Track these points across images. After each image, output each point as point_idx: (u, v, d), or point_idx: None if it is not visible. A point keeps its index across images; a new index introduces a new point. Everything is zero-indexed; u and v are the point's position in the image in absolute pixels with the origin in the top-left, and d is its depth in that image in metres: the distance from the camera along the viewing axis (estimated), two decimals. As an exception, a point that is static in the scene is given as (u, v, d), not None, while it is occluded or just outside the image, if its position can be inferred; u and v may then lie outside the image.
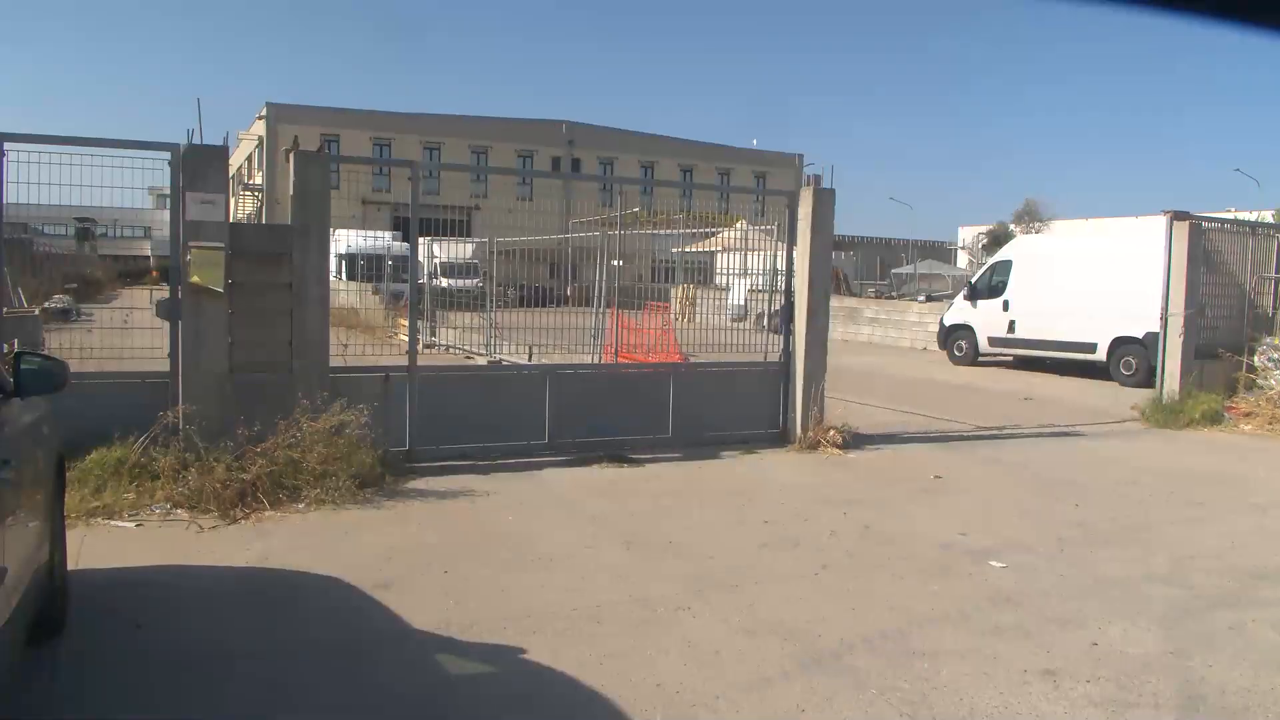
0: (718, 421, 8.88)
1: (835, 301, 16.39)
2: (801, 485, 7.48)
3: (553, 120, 52.65)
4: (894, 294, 33.58)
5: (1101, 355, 15.68)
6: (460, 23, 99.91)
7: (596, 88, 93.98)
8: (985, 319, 17.63)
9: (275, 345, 6.93)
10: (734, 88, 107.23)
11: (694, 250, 13.45)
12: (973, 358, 17.95)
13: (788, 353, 9.17)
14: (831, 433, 8.87)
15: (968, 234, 53.84)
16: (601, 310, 11.86)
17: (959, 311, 18.44)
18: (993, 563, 5.47)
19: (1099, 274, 15.52)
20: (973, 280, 18.97)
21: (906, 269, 41.85)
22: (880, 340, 23.26)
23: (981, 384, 15.23)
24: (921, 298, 28.93)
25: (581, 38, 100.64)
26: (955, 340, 18.41)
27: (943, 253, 51.36)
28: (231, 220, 6.84)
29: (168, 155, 6.52)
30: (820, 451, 8.71)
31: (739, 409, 9.03)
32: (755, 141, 59.45)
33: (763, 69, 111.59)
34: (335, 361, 7.33)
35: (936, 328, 19.55)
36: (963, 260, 49.79)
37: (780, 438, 9.07)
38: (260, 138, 46.35)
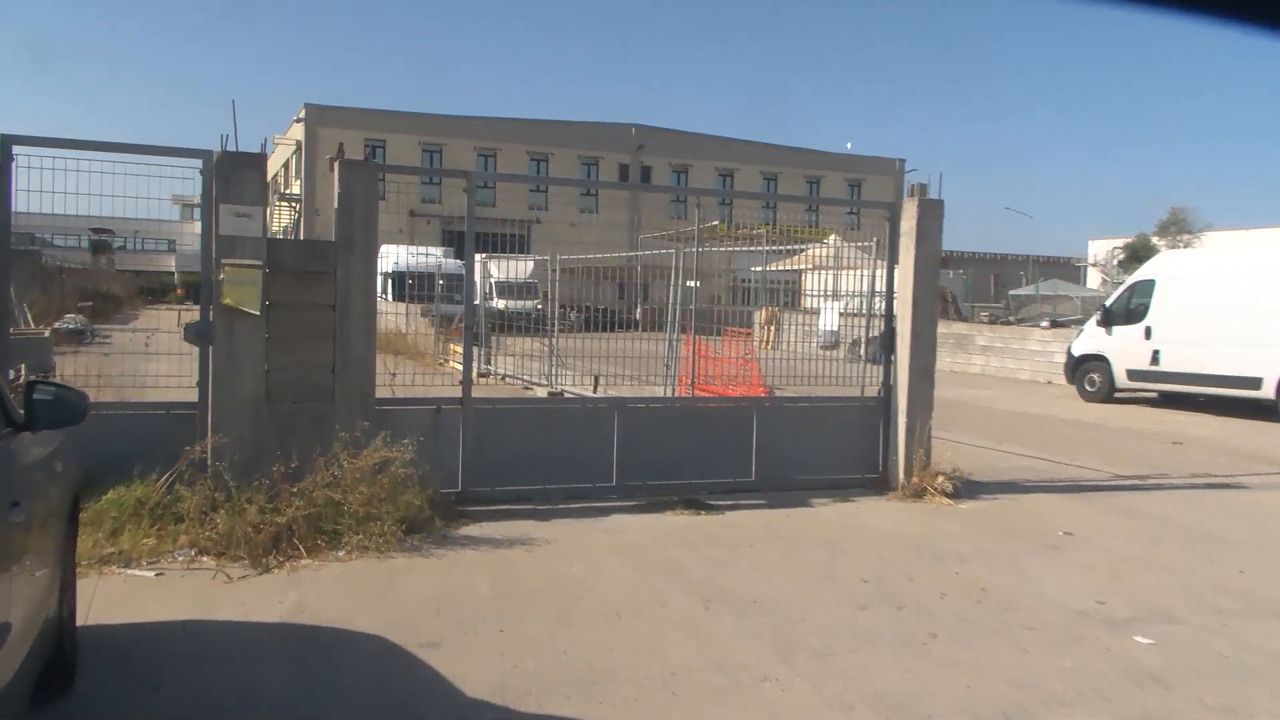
0: (807, 464, 8.84)
1: (942, 327, 16.11)
2: (905, 538, 7.33)
3: (620, 124, 53.32)
4: (1011, 318, 32.84)
5: (1269, 392, 15.09)
6: (517, 17, 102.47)
7: (669, 87, 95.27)
8: (1123, 348, 17.13)
9: (316, 372, 7.09)
10: (824, 85, 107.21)
11: (779, 269, 13.40)
12: (1107, 393, 17.45)
13: (888, 386, 9.08)
14: (939, 479, 8.72)
15: (1100, 248, 52.27)
16: (675, 336, 11.88)
17: (1091, 339, 17.96)
18: (1136, 636, 5.27)
19: (1264, 294, 14.96)
20: (1108, 303, 18.46)
21: (1026, 289, 40.89)
22: (995, 371, 22.80)
23: (1118, 424, 14.79)
24: (1045, 323, 28.21)
25: (651, 32, 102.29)
26: (1086, 373, 17.94)
27: (1069, 270, 50.04)
28: (268, 234, 7.05)
29: (198, 163, 6.76)
30: (926, 500, 8.55)
31: (832, 450, 8.97)
32: (849, 145, 59.38)
33: (857, 64, 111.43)
34: (381, 391, 7.48)
35: (1063, 358, 19.09)
36: (1094, 279, 48.42)
37: (879, 483, 8.97)
38: (298, 142, 47.94)
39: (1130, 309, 17.27)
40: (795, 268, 13.69)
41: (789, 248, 12.99)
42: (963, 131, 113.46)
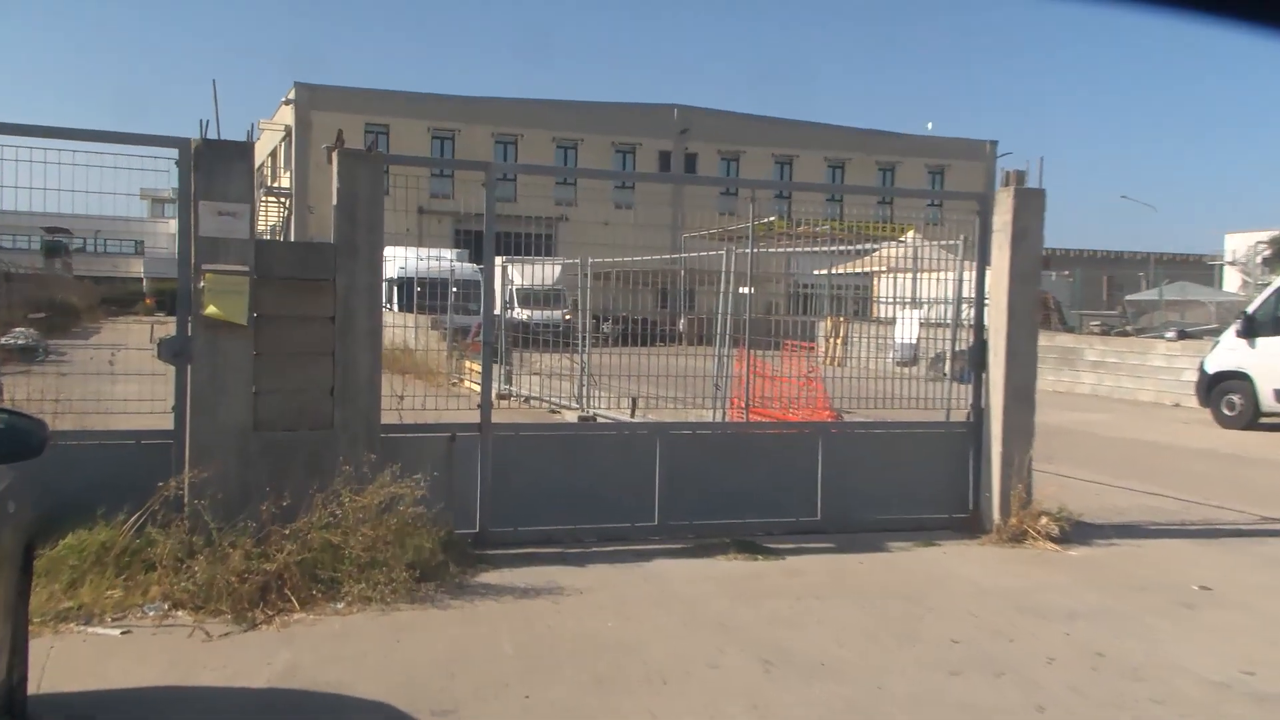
0: (883, 501, 8.83)
1: (1044, 339, 15.97)
2: (1002, 591, 7.28)
3: (660, 105, 53.71)
4: (1129, 328, 32.47)
5: None
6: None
7: (716, 62, 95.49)
8: (1270, 364, 16.87)
9: (312, 395, 7.21)
10: (899, 57, 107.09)
11: (847, 272, 13.38)
12: (1250, 417, 17.19)
13: (978, 409, 9.06)
14: (1043, 520, 8.64)
15: (1239, 243, 51.41)
16: (726, 351, 11.90)
17: (1229, 353, 17.70)
18: (1287, 709, 5.19)
19: None
20: (1251, 309, 18.18)
21: (1147, 294, 40.40)
22: (1109, 392, 22.56)
23: (1264, 455, 14.58)
24: (1170, 333, 27.85)
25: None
26: (1224, 393, 17.69)
27: (1201, 271, 49.34)
28: (255, 236, 7.18)
29: (174, 153, 6.91)
30: (1027, 545, 8.49)
31: (912, 485, 8.95)
32: (930, 126, 59.20)
33: (938, 30, 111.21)
34: (387, 416, 7.58)
35: (1194, 376, 18.81)
36: (1232, 281, 47.68)
37: (969, 525, 8.93)
38: (287, 127, 48.75)
39: (1278, 317, 17.03)
40: (866, 270, 13.66)
41: (859, 248, 12.98)
42: (1067, 107, 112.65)
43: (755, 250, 11.84)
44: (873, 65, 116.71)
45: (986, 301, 9.13)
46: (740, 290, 11.86)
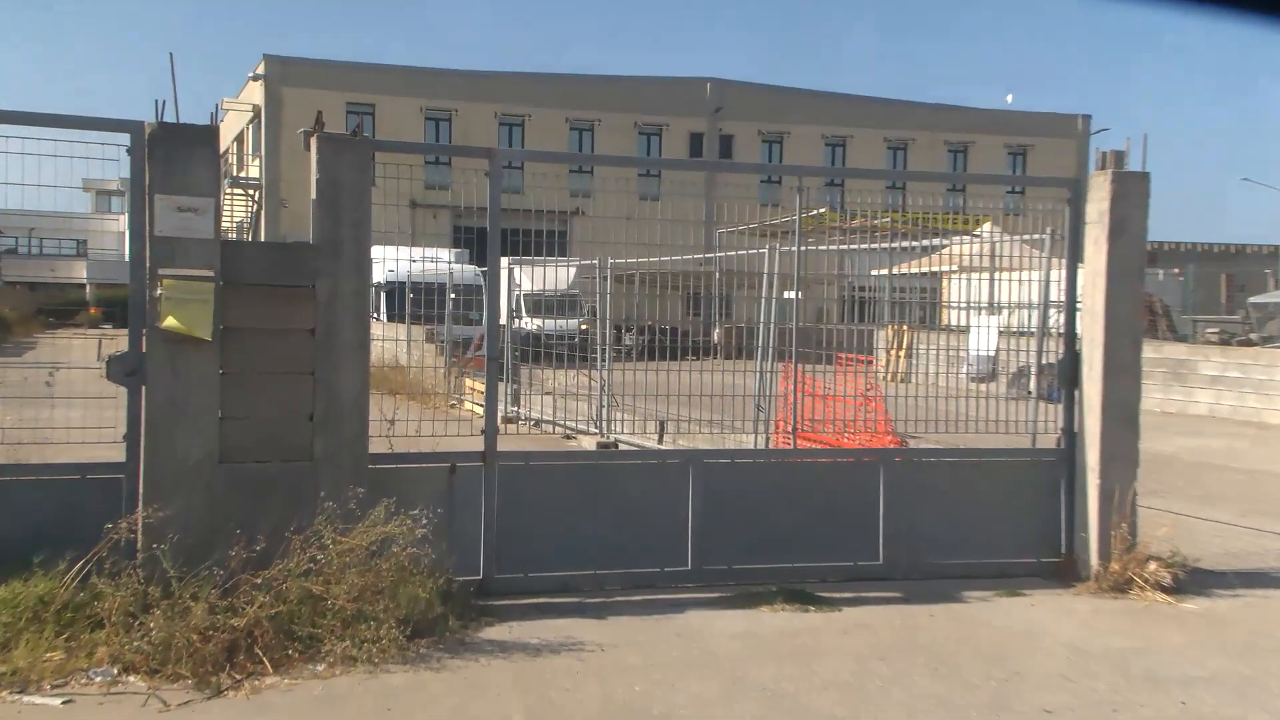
0: (957, 542, 8.81)
1: (1150, 350, 15.84)
2: (1103, 651, 7.21)
3: (691, 78, 53.91)
4: (1253, 336, 32.21)
5: None
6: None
7: (754, 27, 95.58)
8: None
9: (288, 420, 7.25)
10: (973, 17, 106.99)
11: (912, 272, 13.33)
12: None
13: (1070, 434, 9.04)
14: (1151, 566, 8.57)
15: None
16: (770, 366, 11.87)
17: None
18: None
19: None
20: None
21: (1275, 295, 40.09)
22: (1229, 412, 22.34)
23: None
24: (1303, 342, 27.65)
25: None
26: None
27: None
28: (221, 235, 7.21)
29: (125, 139, 6.95)
30: (1132, 596, 8.42)
31: (991, 523, 8.93)
32: (1010, 98, 58.96)
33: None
34: (377, 444, 7.60)
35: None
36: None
37: (1062, 571, 8.90)
38: (255, 107, 49.15)
39: None
40: (934, 270, 13.62)
41: (925, 244, 12.92)
42: (1175, 73, 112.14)
43: (803, 248, 11.81)
44: (940, 27, 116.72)
45: (1079, 306, 9.08)
46: (785, 294, 11.83)
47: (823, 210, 13.39)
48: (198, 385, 6.96)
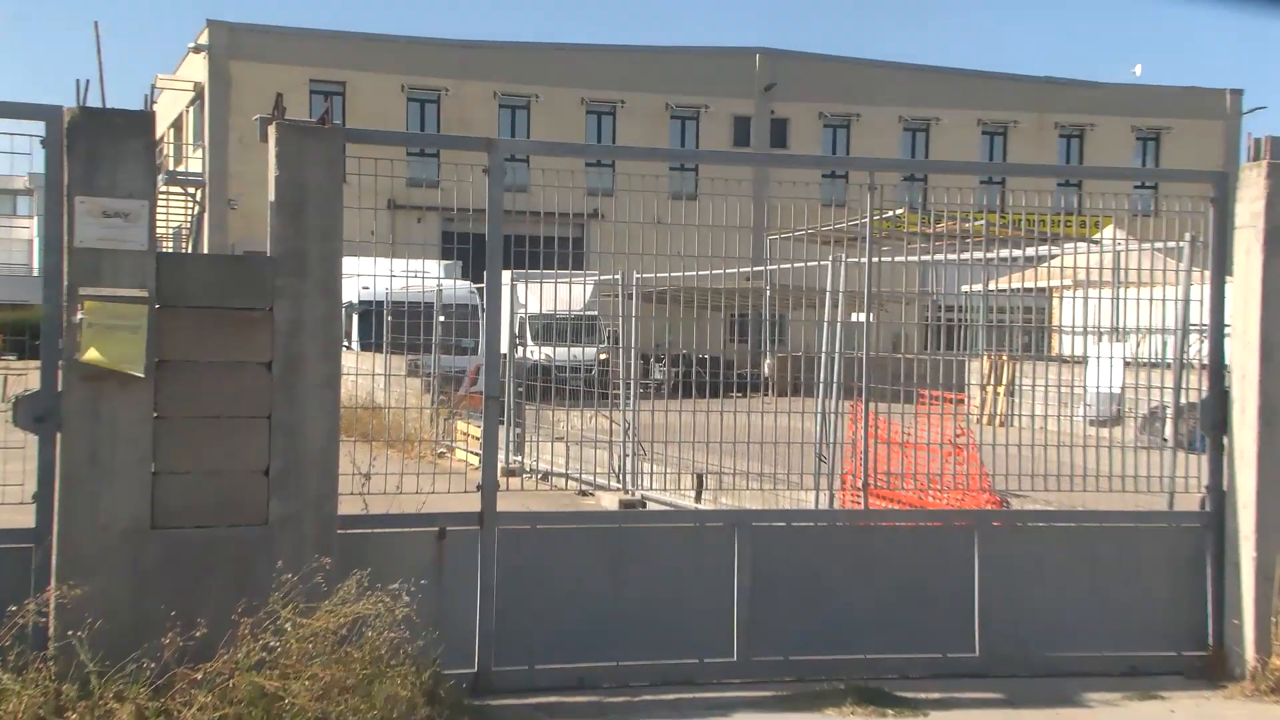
0: (1074, 630, 8.77)
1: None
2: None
3: (737, 49, 53.87)
4: None
5: None
6: None
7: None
8: None
9: (239, 475, 7.25)
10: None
11: (1013, 288, 13.31)
12: None
13: (1219, 493, 8.98)
14: (1325, 662, 8.48)
15: None
16: (835, 406, 11.84)
17: None
18: None
19: None
20: None
21: None
22: None
23: None
24: None
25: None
26: None
27: None
28: (157, 246, 7.25)
29: (39, 128, 7.00)
30: (1299, 701, 8.33)
31: (1118, 606, 8.87)
32: (1139, 70, 58.51)
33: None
34: (348, 504, 7.62)
35: None
36: None
37: (1208, 667, 8.83)
38: (197, 85, 49.26)
39: None
40: (1041, 286, 13.57)
41: (1031, 253, 12.91)
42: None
43: (876, 259, 11.77)
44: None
45: (1227, 330, 9.03)
46: (854, 316, 11.80)
47: (900, 211, 13.41)
48: (126, 433, 6.98)
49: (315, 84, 42.92)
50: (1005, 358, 13.08)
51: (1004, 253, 12.18)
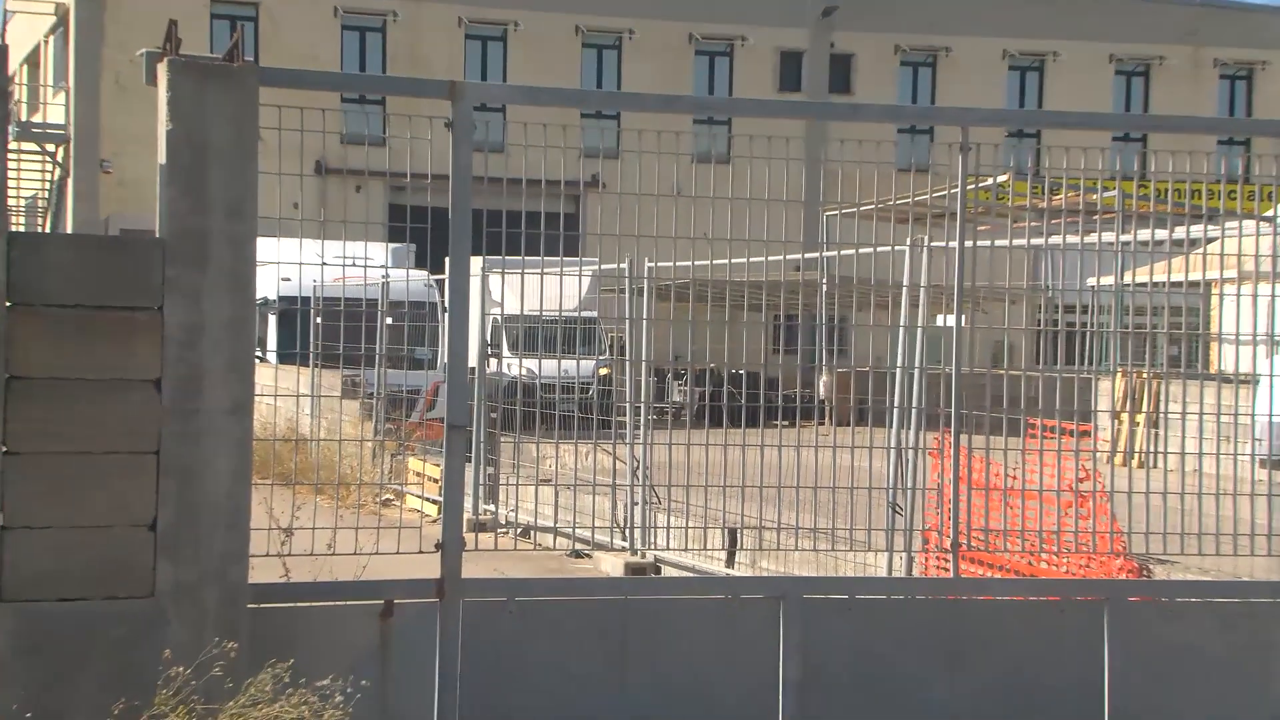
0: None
1: None
2: None
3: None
4: None
5: None
6: None
7: None
8: None
9: (116, 531, 7.20)
10: None
11: (1157, 282, 13.28)
12: None
13: None
14: None
15: None
16: (914, 439, 11.81)
17: None
18: None
19: None
20: None
21: None
22: None
23: None
24: None
25: None
26: None
27: None
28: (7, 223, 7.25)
29: None
30: None
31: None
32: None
33: None
34: (263, 570, 7.66)
35: None
36: None
37: None
38: (60, 8, 49.20)
39: None
40: (1195, 279, 13.55)
41: (1180, 236, 12.88)
42: None
43: (971, 242, 11.71)
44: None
45: None
46: (940, 319, 11.78)
47: (1004, 179, 13.34)
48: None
49: (219, 8, 43.00)
50: (1146, 376, 13.04)
51: (1145, 234, 12.14)
